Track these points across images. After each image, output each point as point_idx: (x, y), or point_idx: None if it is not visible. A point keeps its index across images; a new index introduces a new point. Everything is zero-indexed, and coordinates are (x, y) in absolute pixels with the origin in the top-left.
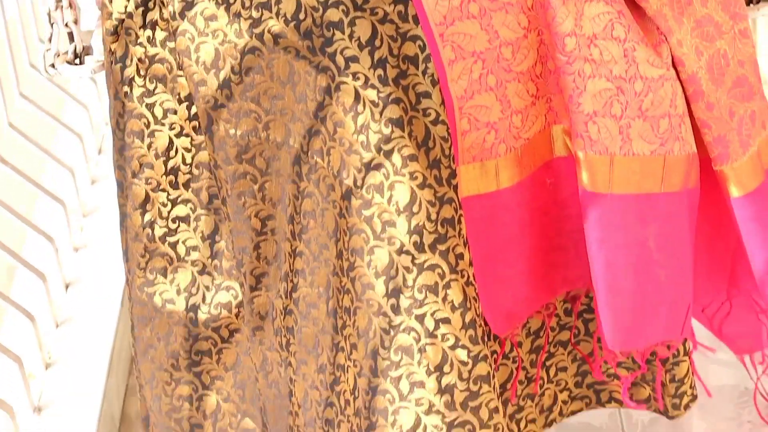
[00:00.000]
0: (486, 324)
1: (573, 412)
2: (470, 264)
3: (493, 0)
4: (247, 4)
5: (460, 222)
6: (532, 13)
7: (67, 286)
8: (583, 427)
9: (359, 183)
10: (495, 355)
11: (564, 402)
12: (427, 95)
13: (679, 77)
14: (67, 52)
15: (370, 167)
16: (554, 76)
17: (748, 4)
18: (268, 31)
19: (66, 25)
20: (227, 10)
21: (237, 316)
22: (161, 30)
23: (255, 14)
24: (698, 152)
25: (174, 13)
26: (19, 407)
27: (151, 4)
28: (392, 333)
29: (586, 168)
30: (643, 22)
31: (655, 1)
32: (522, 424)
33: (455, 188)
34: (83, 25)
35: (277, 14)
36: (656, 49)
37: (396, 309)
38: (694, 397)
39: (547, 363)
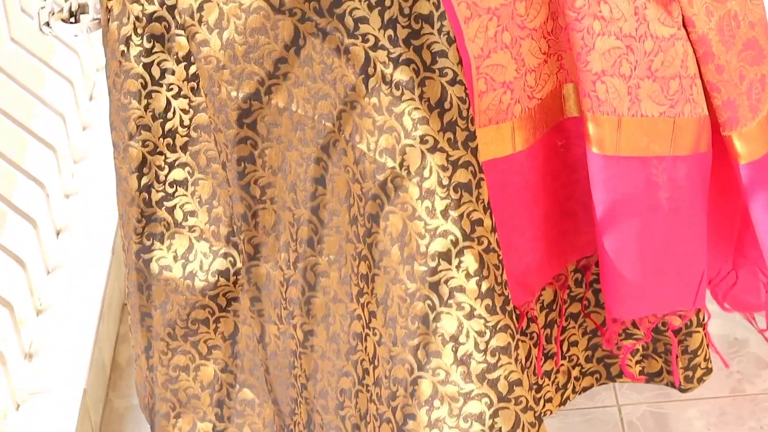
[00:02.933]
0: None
1: (584, 389)
2: (492, 230)
3: None
4: None
5: (479, 186)
6: None
7: (58, 233)
8: None
9: (372, 147)
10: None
11: (576, 378)
12: (444, 54)
13: (689, 38)
14: (62, 10)
15: (382, 130)
16: (565, 33)
17: None
18: None
19: None
20: None
21: (235, 284)
22: None
23: None
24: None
25: None
26: (10, 354)
27: None
28: (408, 301)
29: (594, 128)
30: None
31: None
32: (540, 404)
33: (474, 151)
34: None
35: None
36: (667, 8)
37: (411, 276)
38: (709, 371)
39: (561, 337)
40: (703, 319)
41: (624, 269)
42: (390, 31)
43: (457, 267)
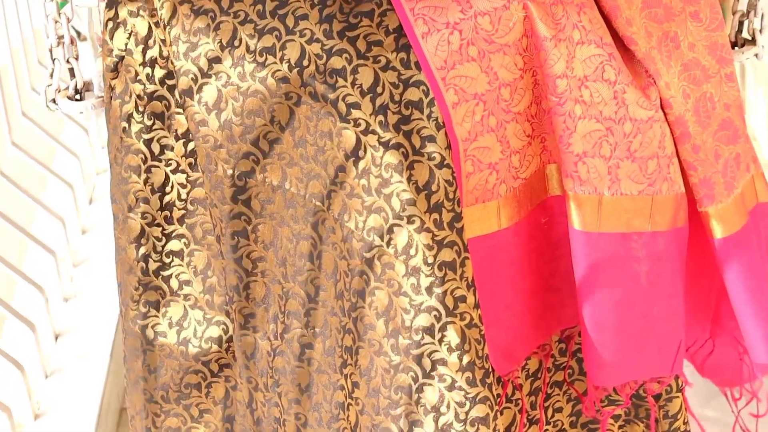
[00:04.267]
0: (492, 368)
1: None
2: (475, 306)
3: (491, 42)
4: (252, 48)
5: (463, 265)
6: (527, 54)
7: (56, 337)
8: None
9: (360, 225)
10: (499, 398)
11: None
12: (432, 139)
13: (666, 119)
14: (67, 88)
15: (371, 210)
16: (548, 116)
17: (733, 47)
18: (272, 76)
19: (67, 61)
20: (231, 53)
21: (227, 351)
22: (160, 68)
23: (259, 59)
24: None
25: (177, 53)
26: None
27: (151, 42)
28: (392, 372)
29: (575, 207)
30: (632, 65)
31: (644, 45)
32: None
33: (459, 231)
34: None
35: (282, 60)
36: (645, 91)
37: (395, 349)
38: None
39: (545, 404)
40: (682, 385)
41: (604, 339)
42: (381, 117)
43: (440, 341)
